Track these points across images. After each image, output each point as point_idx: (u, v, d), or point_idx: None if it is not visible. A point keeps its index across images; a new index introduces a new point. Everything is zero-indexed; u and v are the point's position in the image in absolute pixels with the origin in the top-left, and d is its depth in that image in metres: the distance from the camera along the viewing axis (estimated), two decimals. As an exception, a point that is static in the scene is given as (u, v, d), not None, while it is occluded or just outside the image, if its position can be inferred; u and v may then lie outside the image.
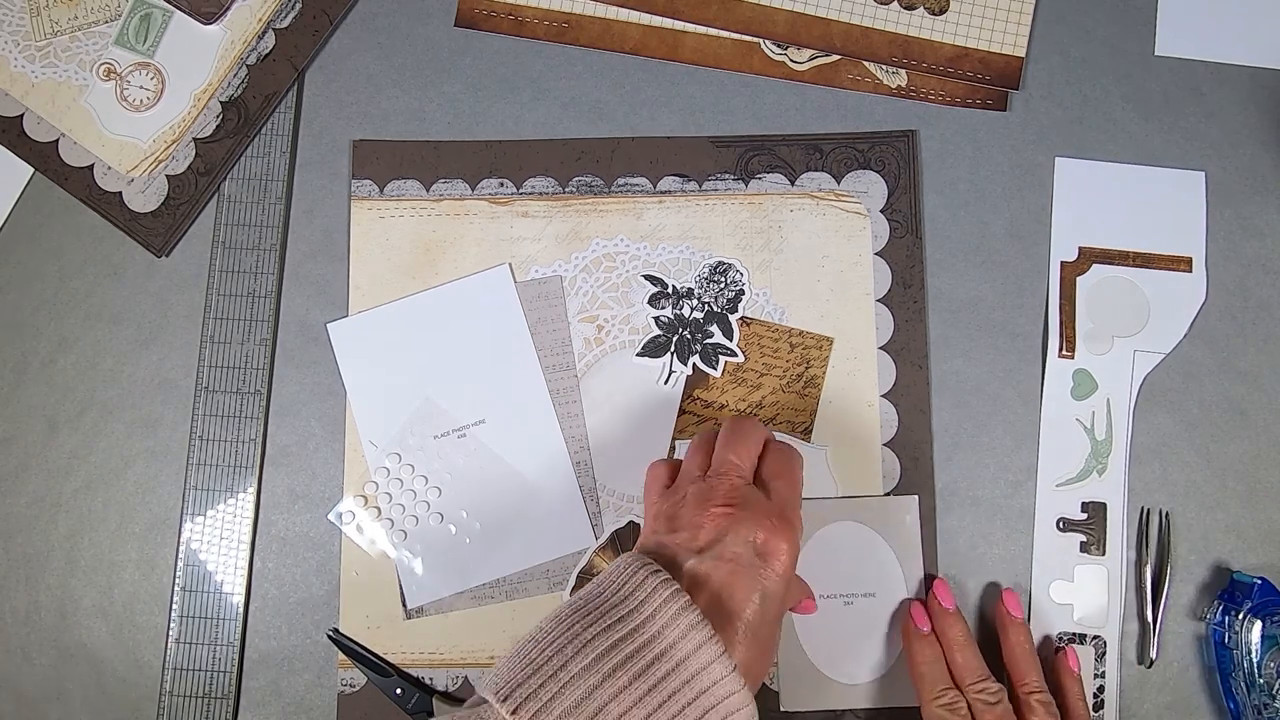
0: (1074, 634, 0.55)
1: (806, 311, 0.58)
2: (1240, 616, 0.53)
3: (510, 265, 0.59)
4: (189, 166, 0.61)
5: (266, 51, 0.61)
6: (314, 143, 0.61)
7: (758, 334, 0.58)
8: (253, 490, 0.58)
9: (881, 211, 0.59)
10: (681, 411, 0.58)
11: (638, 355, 0.58)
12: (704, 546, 0.45)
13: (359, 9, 0.62)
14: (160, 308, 0.60)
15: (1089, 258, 0.58)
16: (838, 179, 0.59)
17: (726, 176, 0.60)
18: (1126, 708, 0.55)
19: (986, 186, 0.59)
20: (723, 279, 0.59)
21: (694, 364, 0.58)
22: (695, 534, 0.45)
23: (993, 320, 0.58)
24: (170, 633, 0.57)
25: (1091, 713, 0.54)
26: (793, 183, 0.59)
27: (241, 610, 0.57)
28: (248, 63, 0.61)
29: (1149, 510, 0.56)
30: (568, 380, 0.58)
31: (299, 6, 0.62)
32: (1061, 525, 0.56)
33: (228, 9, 0.61)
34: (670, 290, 0.59)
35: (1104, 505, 0.56)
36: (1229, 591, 0.54)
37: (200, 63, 0.61)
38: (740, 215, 0.59)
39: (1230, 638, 0.53)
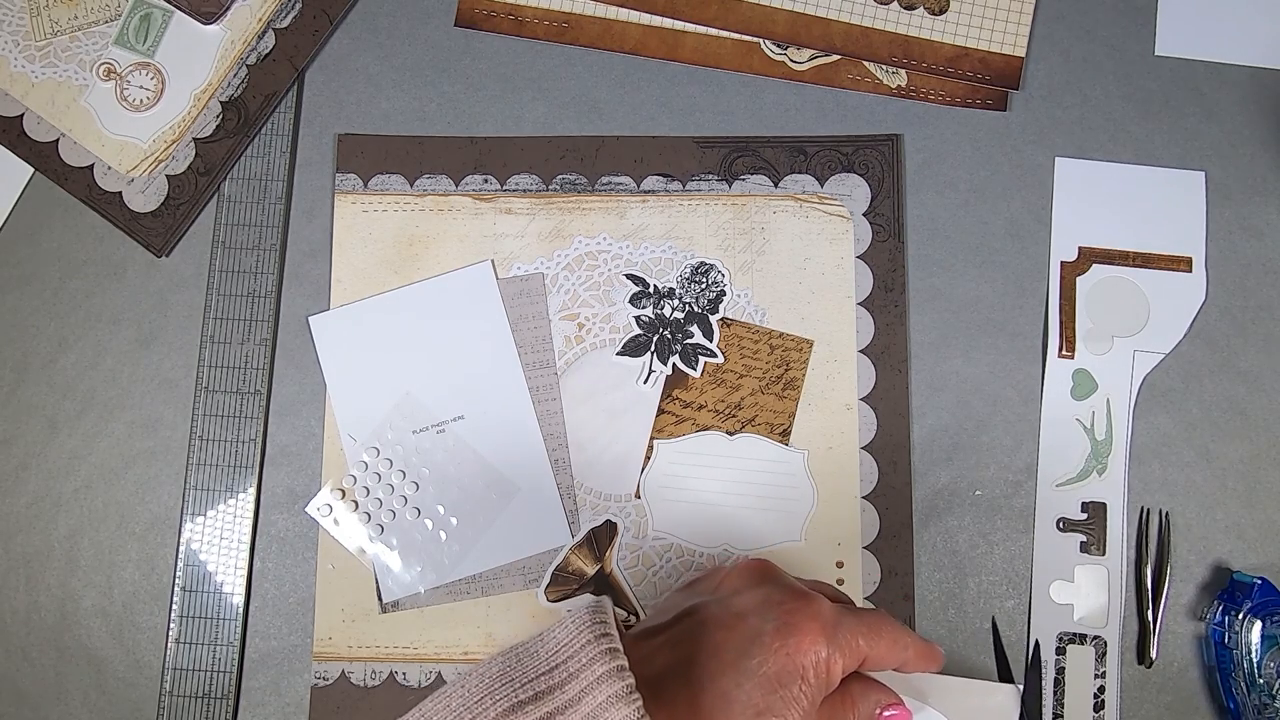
0: (1074, 634, 0.55)
1: (787, 313, 0.58)
2: (1240, 616, 0.53)
3: (492, 262, 0.59)
4: (189, 166, 0.61)
5: (266, 51, 0.61)
6: (314, 143, 0.61)
7: (738, 335, 0.58)
8: (253, 490, 0.58)
9: (864, 215, 0.59)
10: (660, 411, 0.58)
11: (618, 354, 0.58)
12: (717, 592, 0.43)
13: (359, 9, 0.62)
14: (160, 308, 0.60)
15: (1089, 257, 0.58)
16: (821, 182, 0.59)
17: (710, 177, 0.60)
18: (1126, 708, 0.55)
19: (986, 186, 0.59)
20: (704, 279, 0.59)
21: (674, 364, 0.58)
22: (716, 585, 0.43)
23: (993, 320, 0.58)
24: (170, 633, 0.57)
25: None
26: (776, 185, 0.59)
27: (241, 610, 0.57)
28: (248, 63, 0.61)
29: (1149, 510, 0.56)
30: (547, 378, 0.58)
31: (299, 6, 0.62)
32: (1061, 525, 0.56)
33: (228, 9, 0.61)
34: (651, 290, 0.59)
35: (1104, 505, 0.56)
36: (1229, 591, 0.54)
37: (200, 63, 0.61)
38: (723, 216, 0.59)
39: (1230, 638, 0.53)
